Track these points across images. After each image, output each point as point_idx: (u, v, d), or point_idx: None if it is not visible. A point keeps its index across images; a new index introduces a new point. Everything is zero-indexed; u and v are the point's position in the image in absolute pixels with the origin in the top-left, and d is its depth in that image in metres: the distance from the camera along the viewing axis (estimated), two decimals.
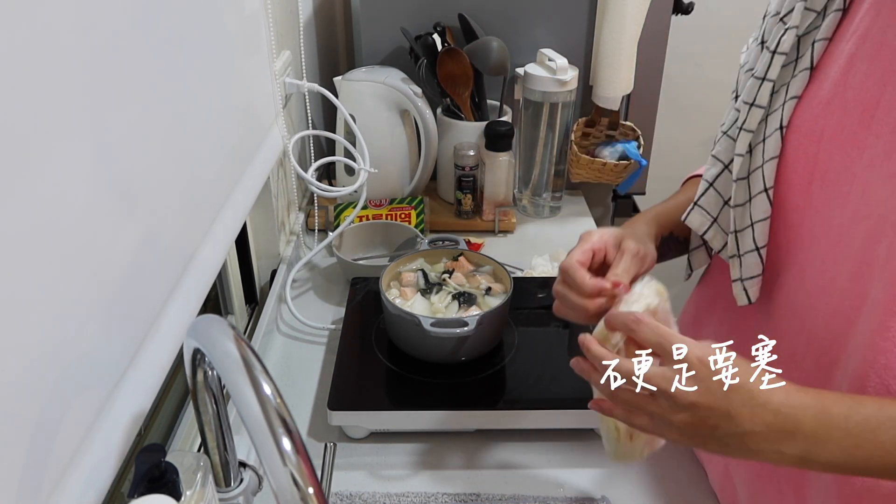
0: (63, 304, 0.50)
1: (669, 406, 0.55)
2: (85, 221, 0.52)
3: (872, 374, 0.56)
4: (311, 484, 0.42)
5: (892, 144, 0.55)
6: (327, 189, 1.17)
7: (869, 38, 0.59)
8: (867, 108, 0.58)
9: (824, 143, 0.61)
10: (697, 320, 0.84)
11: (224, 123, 0.84)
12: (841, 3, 0.62)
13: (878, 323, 0.55)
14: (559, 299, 0.71)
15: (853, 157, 0.59)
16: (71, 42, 0.50)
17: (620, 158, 1.37)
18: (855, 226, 0.58)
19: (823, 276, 0.62)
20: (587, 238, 0.73)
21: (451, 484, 0.83)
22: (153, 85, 0.63)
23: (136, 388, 0.60)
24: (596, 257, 0.72)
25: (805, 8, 0.64)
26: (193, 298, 0.72)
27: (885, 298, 0.54)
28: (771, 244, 0.67)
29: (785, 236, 0.66)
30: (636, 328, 0.58)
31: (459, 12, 1.33)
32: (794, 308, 0.66)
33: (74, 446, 0.52)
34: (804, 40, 0.64)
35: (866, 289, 0.57)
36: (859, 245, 0.58)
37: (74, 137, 0.50)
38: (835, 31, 0.62)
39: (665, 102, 1.48)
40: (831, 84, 0.61)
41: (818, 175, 0.62)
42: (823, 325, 0.62)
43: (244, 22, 0.91)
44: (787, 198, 0.65)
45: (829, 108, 0.61)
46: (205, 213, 0.77)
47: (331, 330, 1.09)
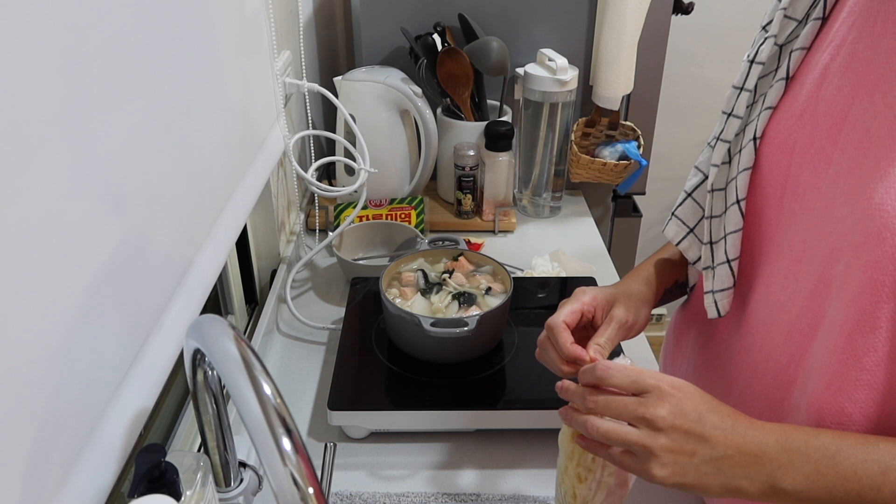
0: (64, 305, 0.50)
1: (648, 433, 0.55)
2: (87, 222, 0.52)
3: (828, 395, 0.55)
4: (311, 484, 0.42)
5: (855, 160, 0.54)
6: (327, 189, 1.17)
7: (843, 49, 0.58)
8: (836, 121, 0.57)
9: (796, 156, 0.60)
10: (679, 333, 0.84)
11: (225, 124, 0.84)
12: (821, 12, 0.61)
13: (834, 344, 0.54)
14: (540, 349, 0.72)
15: (820, 172, 0.58)
16: (70, 43, 0.50)
17: (620, 158, 1.37)
18: (817, 243, 0.57)
19: (784, 292, 0.61)
20: (579, 296, 0.72)
21: (451, 484, 0.83)
22: (154, 85, 0.63)
23: (138, 389, 0.60)
24: (584, 318, 0.72)
25: (785, 16, 0.63)
26: (195, 299, 0.72)
27: (842, 320, 0.54)
28: (743, 257, 0.67)
29: (758, 249, 0.65)
30: (607, 375, 0.58)
31: (459, 12, 1.33)
32: (758, 323, 0.65)
33: (77, 446, 0.52)
34: (784, 50, 0.64)
35: (823, 308, 0.56)
36: (818, 263, 0.57)
37: (76, 137, 0.50)
38: (813, 40, 0.61)
39: (665, 102, 1.48)
40: (805, 96, 0.60)
41: (790, 188, 0.61)
42: (781, 342, 0.61)
43: (245, 22, 0.91)
44: (761, 210, 0.64)
45: (801, 121, 0.60)
46: (206, 213, 0.77)
47: (331, 330, 1.09)
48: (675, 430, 0.54)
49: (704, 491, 0.54)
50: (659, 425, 0.54)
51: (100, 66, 0.54)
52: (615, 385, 0.58)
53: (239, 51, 0.89)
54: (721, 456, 0.53)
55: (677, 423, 0.54)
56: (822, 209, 0.57)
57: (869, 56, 0.55)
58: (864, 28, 0.56)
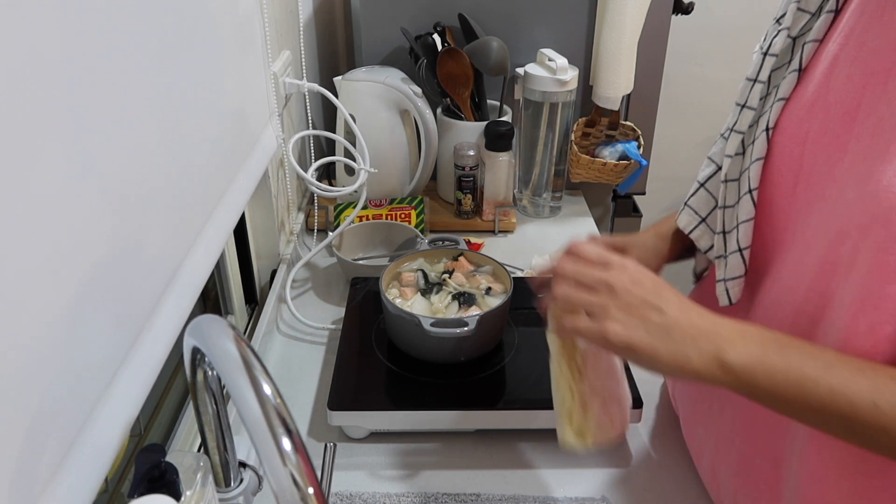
0: (54, 303, 0.50)
1: (607, 294, 0.58)
2: (76, 220, 0.52)
3: None
4: (311, 484, 0.42)
5: (869, 147, 0.55)
6: (327, 189, 1.17)
7: (852, 39, 0.59)
8: (849, 110, 0.58)
9: (808, 146, 0.61)
10: None
11: (217, 123, 0.84)
12: (833, 5, 0.61)
13: (841, 324, 0.55)
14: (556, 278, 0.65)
15: (835, 160, 0.58)
16: (57, 42, 0.50)
17: (620, 158, 1.37)
18: (826, 227, 0.58)
19: (792, 276, 0.62)
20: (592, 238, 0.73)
21: (451, 484, 0.83)
22: (144, 84, 0.63)
23: (128, 388, 0.60)
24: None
25: (798, 9, 0.64)
26: (186, 297, 0.72)
27: (849, 300, 0.54)
28: (755, 246, 0.67)
29: (770, 238, 0.66)
30: (577, 249, 0.62)
31: (459, 12, 1.33)
32: (767, 308, 0.66)
33: (67, 444, 0.52)
34: (797, 42, 0.64)
35: (830, 289, 0.57)
36: (825, 245, 0.58)
37: (64, 136, 0.50)
38: (826, 32, 0.62)
39: (665, 102, 1.48)
40: (815, 86, 0.61)
41: (803, 177, 0.62)
42: (789, 325, 0.61)
43: (238, 21, 0.91)
44: (773, 200, 0.65)
45: (812, 111, 0.61)
46: (197, 212, 0.77)
47: (331, 330, 1.09)
48: (631, 295, 0.58)
49: (654, 358, 0.56)
50: (617, 288, 0.58)
51: (85, 64, 0.54)
52: (584, 257, 0.62)
53: (232, 50, 0.89)
54: (673, 325, 0.56)
55: (635, 290, 0.58)
56: (834, 197, 0.58)
57: (879, 45, 0.56)
58: (874, 18, 0.57)
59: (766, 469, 0.67)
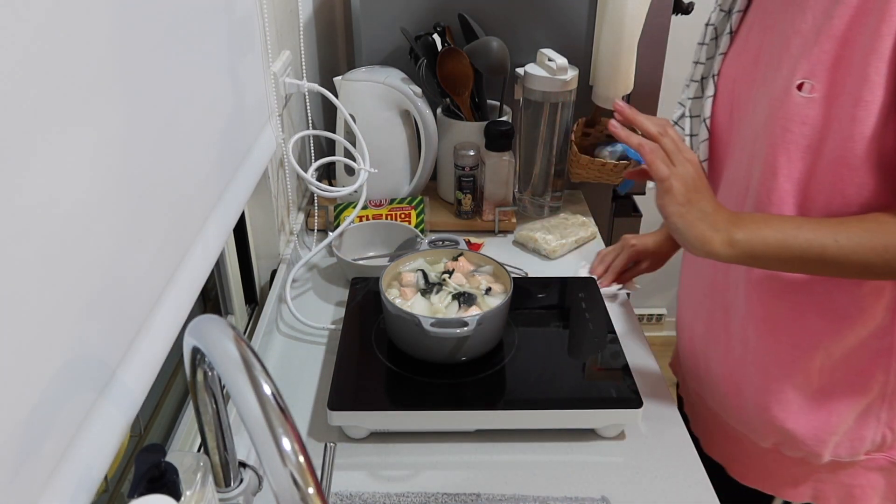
0: (52, 301, 0.50)
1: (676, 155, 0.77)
2: (75, 219, 0.52)
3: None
4: (311, 484, 0.42)
5: (766, 76, 0.80)
6: (327, 189, 1.17)
7: (759, 6, 0.85)
8: (756, 54, 0.83)
9: (737, 83, 0.86)
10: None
11: (216, 123, 0.84)
12: None
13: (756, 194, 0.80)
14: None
15: (751, 89, 0.83)
16: (57, 42, 0.50)
17: (620, 158, 1.37)
18: (748, 133, 0.82)
19: (733, 172, 0.86)
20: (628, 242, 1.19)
21: (451, 484, 0.83)
22: (142, 83, 0.63)
23: (128, 388, 0.60)
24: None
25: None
26: (185, 297, 0.72)
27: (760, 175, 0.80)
28: (711, 158, 0.92)
29: (717, 153, 0.91)
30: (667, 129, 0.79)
31: (459, 12, 1.33)
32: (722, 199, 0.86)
33: (65, 446, 0.52)
34: (730, 14, 0.89)
35: (751, 173, 0.81)
36: (749, 147, 0.82)
37: (63, 134, 0.50)
38: (747, 5, 0.87)
39: (665, 102, 1.48)
40: (740, 41, 0.87)
41: (735, 105, 0.86)
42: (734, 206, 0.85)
43: (238, 21, 0.91)
44: (719, 123, 0.89)
45: (738, 58, 0.87)
46: (197, 211, 0.77)
47: (331, 330, 1.09)
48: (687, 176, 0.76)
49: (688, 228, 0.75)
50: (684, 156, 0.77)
51: (85, 63, 0.54)
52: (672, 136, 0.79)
53: (232, 50, 0.89)
54: (711, 212, 0.75)
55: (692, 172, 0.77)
56: (752, 114, 0.82)
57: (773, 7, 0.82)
58: None
59: (720, 316, 0.92)
